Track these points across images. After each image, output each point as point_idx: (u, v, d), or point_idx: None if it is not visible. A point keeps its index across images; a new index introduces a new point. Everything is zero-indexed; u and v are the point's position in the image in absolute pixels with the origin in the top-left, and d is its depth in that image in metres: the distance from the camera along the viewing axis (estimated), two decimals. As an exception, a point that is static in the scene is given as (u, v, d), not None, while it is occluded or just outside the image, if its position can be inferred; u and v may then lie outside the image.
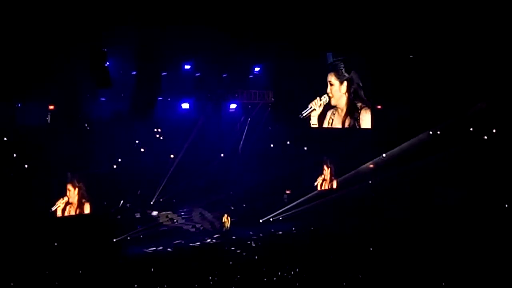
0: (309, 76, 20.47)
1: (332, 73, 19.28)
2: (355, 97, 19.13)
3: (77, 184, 19.56)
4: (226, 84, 23.16)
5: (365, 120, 19.28)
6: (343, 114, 19.65)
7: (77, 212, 19.43)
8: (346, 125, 19.64)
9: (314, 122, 19.79)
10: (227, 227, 21.28)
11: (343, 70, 19.16)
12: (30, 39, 16.80)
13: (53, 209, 18.97)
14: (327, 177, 24.27)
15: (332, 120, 19.70)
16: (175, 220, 22.28)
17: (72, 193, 19.41)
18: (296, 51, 19.88)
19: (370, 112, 19.38)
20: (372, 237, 20.19)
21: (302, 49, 19.67)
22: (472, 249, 17.43)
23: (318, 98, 19.59)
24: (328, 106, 19.71)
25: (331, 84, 19.27)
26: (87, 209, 19.63)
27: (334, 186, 24.10)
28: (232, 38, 18.81)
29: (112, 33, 18.13)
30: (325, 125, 19.84)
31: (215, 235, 21.52)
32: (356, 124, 19.38)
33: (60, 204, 19.08)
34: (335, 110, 19.63)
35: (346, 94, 19.09)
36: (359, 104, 19.30)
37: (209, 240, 21.06)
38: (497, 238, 18.17)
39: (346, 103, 19.26)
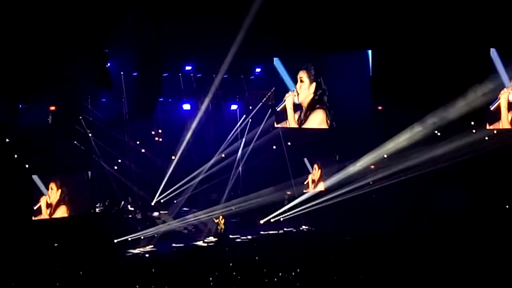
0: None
1: (305, 71, 19.29)
2: (318, 100, 19.01)
3: (59, 186, 19.20)
4: (227, 85, 23.23)
5: (314, 119, 19.15)
6: (303, 113, 19.73)
7: (53, 214, 19.08)
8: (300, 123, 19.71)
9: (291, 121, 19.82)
10: (222, 228, 21.17)
11: (313, 73, 19.14)
12: (31, 41, 16.88)
13: (35, 207, 18.74)
14: (316, 177, 24.30)
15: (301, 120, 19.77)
16: (172, 222, 22.14)
17: (54, 192, 19.15)
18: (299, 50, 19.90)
19: (323, 113, 19.15)
20: (373, 238, 20.19)
21: (304, 49, 19.71)
22: (473, 250, 17.41)
23: (290, 91, 19.62)
24: (296, 105, 19.73)
25: (301, 81, 19.27)
26: (63, 212, 19.30)
27: (322, 188, 24.07)
28: (233, 39, 18.85)
29: (113, 34, 18.21)
30: (292, 124, 19.91)
31: (210, 236, 21.41)
32: (303, 122, 19.29)
33: (42, 202, 18.88)
34: (301, 110, 19.67)
35: (312, 95, 19.05)
36: (316, 105, 19.20)
37: (205, 241, 21.03)
38: (499, 240, 18.14)
39: (308, 104, 19.22)
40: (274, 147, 24.44)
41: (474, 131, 20.86)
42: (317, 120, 19.01)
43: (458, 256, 16.76)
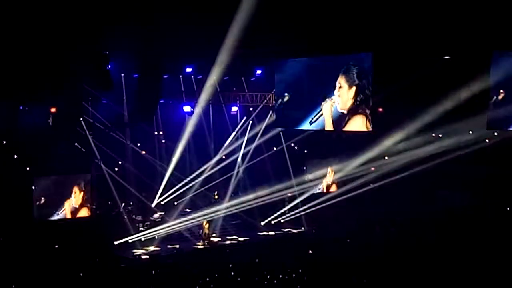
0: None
1: (343, 76, 18.50)
2: (360, 105, 18.17)
3: (83, 188, 19.57)
4: (228, 86, 23.21)
5: (353, 126, 18.35)
6: (343, 119, 18.94)
7: (77, 215, 19.41)
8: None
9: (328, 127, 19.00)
10: (206, 233, 21.07)
11: (355, 75, 18.30)
12: (32, 42, 16.85)
13: (60, 212, 19.12)
14: (330, 180, 24.34)
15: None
16: (171, 224, 22.02)
17: (77, 195, 19.44)
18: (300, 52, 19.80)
19: (364, 119, 18.35)
20: (375, 239, 20.21)
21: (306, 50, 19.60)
22: (474, 252, 17.41)
23: (327, 99, 18.75)
24: (335, 112, 18.87)
25: (340, 87, 18.49)
26: (85, 212, 19.63)
27: (334, 189, 24.16)
28: (234, 41, 18.79)
29: (113, 36, 18.18)
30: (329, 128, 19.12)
31: (197, 240, 21.36)
32: (343, 127, 18.59)
33: (66, 205, 19.21)
34: (342, 116, 18.77)
35: (353, 100, 18.29)
36: (359, 110, 18.37)
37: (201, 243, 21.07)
38: (500, 241, 18.13)
39: (348, 109, 18.48)
40: (275, 148, 24.46)
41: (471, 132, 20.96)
42: (356, 126, 18.16)
43: (458, 258, 16.78)
